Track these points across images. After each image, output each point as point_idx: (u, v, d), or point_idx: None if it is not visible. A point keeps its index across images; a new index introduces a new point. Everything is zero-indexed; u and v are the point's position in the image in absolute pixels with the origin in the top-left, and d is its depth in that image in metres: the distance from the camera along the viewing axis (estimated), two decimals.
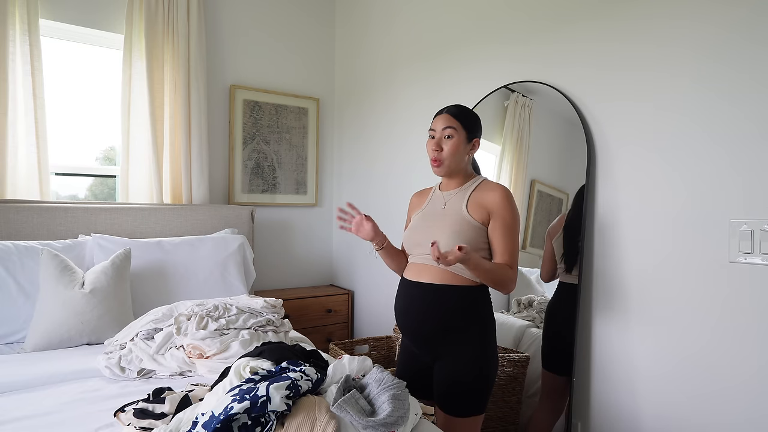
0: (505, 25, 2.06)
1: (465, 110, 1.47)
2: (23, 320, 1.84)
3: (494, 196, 1.41)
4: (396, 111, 2.73)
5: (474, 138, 1.46)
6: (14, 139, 2.22)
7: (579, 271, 1.69)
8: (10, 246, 1.93)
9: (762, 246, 1.28)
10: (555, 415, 1.77)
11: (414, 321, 1.45)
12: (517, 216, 1.42)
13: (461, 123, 1.43)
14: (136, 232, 2.38)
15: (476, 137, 1.47)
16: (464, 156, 1.46)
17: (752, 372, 1.31)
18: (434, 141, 1.45)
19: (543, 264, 1.87)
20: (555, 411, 1.78)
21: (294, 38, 3.15)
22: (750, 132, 1.32)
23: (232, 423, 0.93)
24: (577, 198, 1.74)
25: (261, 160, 3.02)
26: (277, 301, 1.89)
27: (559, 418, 1.76)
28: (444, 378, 1.41)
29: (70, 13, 2.43)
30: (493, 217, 1.40)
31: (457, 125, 1.43)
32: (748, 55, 1.32)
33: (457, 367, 1.39)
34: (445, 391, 1.40)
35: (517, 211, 1.42)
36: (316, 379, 1.11)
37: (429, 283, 1.42)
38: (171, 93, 2.60)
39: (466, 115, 1.45)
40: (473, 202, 1.43)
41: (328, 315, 2.94)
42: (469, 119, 1.45)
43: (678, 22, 1.46)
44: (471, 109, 1.52)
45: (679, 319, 1.47)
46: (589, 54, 1.72)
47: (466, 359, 1.38)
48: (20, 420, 1.20)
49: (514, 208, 1.41)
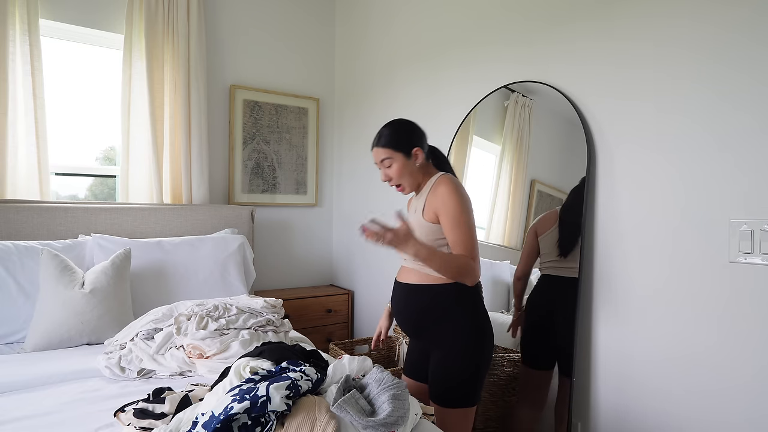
0: (504, 25, 2.06)
1: (390, 132, 1.49)
2: (23, 320, 1.84)
3: (438, 193, 1.42)
4: (396, 111, 2.73)
5: (412, 149, 1.48)
6: (14, 139, 2.22)
7: (579, 270, 1.69)
8: (10, 246, 1.93)
9: (762, 246, 1.28)
10: (536, 409, 1.79)
11: (402, 318, 1.54)
12: (463, 205, 1.39)
13: (391, 148, 1.47)
14: (136, 232, 2.38)
15: (414, 147, 1.48)
16: (414, 169, 1.49)
17: (753, 372, 1.31)
18: (382, 174, 1.52)
19: (521, 260, 1.89)
20: (535, 404, 1.79)
21: (294, 38, 3.15)
22: (750, 132, 1.32)
23: (232, 423, 0.93)
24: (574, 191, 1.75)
25: (261, 160, 3.02)
26: (277, 301, 1.89)
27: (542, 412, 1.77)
28: (433, 368, 1.47)
29: (70, 13, 2.43)
30: (440, 214, 1.41)
31: (389, 152, 1.48)
32: (749, 55, 1.32)
33: (445, 360, 1.45)
34: (433, 381, 1.47)
35: (462, 201, 1.40)
36: (316, 379, 1.11)
37: (409, 283, 1.49)
38: (171, 93, 2.60)
39: (392, 138, 1.48)
40: (428, 204, 1.45)
41: (328, 315, 2.94)
42: (395, 139, 1.48)
43: (678, 21, 1.46)
44: (398, 122, 1.51)
45: (679, 319, 1.47)
46: (589, 54, 1.72)
47: (453, 351, 1.43)
48: (20, 420, 1.20)
49: (457, 198, 1.39)
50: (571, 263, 1.72)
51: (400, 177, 1.49)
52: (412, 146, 1.48)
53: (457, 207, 1.39)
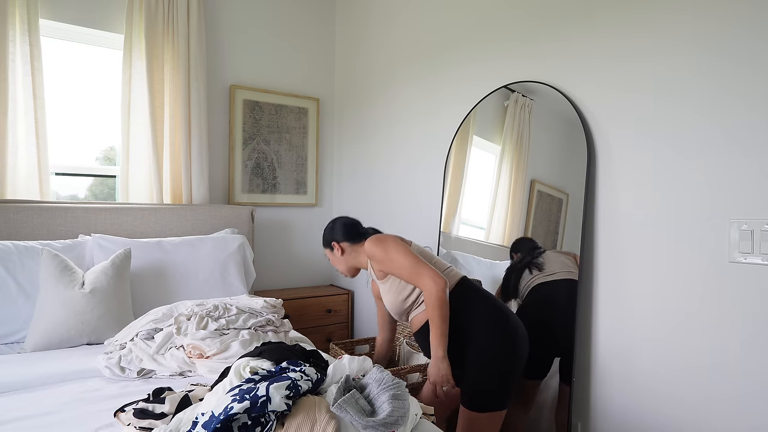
0: (504, 25, 2.06)
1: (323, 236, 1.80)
2: (23, 320, 1.84)
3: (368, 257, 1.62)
4: (396, 111, 2.73)
5: (331, 243, 1.75)
6: (14, 139, 2.22)
7: (579, 270, 1.69)
8: (10, 246, 1.93)
9: (762, 246, 1.28)
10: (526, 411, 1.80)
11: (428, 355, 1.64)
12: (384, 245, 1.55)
13: (323, 246, 1.79)
14: (136, 232, 2.38)
15: (332, 242, 1.75)
16: (341, 259, 1.75)
17: (753, 372, 1.31)
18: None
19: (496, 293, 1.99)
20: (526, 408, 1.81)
21: (294, 38, 3.15)
22: (751, 131, 1.32)
23: (232, 423, 0.93)
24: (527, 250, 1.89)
25: (261, 160, 3.02)
26: (277, 301, 1.89)
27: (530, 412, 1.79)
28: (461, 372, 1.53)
29: (70, 13, 2.43)
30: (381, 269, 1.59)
31: (324, 250, 1.80)
32: (751, 54, 1.32)
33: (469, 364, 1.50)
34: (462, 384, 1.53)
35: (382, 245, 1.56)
36: (316, 379, 1.11)
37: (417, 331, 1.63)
38: (171, 93, 2.60)
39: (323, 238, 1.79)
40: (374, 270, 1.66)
41: (328, 315, 2.94)
42: (323, 239, 1.79)
43: (678, 19, 1.46)
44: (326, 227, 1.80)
45: (678, 319, 1.47)
46: (589, 54, 1.72)
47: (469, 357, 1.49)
48: (20, 420, 1.20)
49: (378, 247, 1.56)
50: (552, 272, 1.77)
51: (336, 266, 1.78)
52: (330, 242, 1.75)
53: (380, 252, 1.56)
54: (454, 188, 2.27)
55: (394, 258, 1.53)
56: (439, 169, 2.40)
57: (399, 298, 1.60)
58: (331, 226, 1.78)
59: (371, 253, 1.59)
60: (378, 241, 1.58)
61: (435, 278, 1.45)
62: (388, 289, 1.63)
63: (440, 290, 1.44)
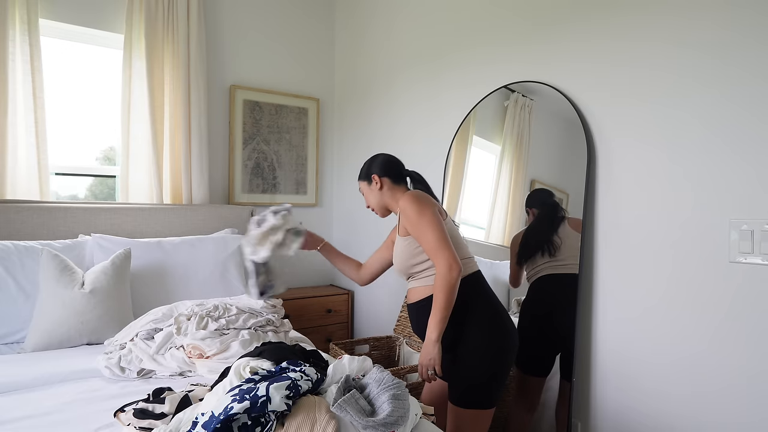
0: (505, 25, 2.06)
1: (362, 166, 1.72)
2: (23, 320, 1.84)
3: (402, 210, 1.54)
4: (396, 111, 2.73)
5: (371, 176, 1.66)
6: (14, 139, 2.22)
7: (579, 270, 1.69)
8: (10, 246, 1.93)
9: (762, 246, 1.28)
10: (530, 411, 1.80)
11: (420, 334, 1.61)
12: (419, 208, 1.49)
13: (359, 179, 1.72)
14: (136, 232, 2.38)
15: (372, 174, 1.66)
16: (377, 194, 1.67)
17: (753, 372, 1.31)
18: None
19: (510, 271, 1.95)
20: (529, 408, 1.80)
21: (294, 38, 3.15)
22: (750, 131, 1.32)
23: (232, 423, 0.93)
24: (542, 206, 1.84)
25: (261, 160, 3.02)
26: (276, 301, 1.89)
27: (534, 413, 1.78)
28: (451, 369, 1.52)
29: (69, 12, 2.43)
30: (407, 227, 1.54)
31: (359, 183, 1.72)
32: (749, 54, 1.32)
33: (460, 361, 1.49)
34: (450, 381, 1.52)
35: (418, 205, 1.49)
36: (316, 379, 1.11)
37: (416, 302, 1.59)
38: (171, 93, 2.60)
39: (360, 170, 1.72)
40: (400, 223, 1.60)
41: (328, 315, 2.94)
42: (362, 170, 1.71)
43: (678, 19, 1.46)
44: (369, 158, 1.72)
45: (678, 319, 1.47)
46: (589, 54, 1.72)
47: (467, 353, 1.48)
48: (20, 420, 1.20)
49: (414, 206, 1.50)
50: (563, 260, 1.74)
51: (368, 202, 1.71)
52: (370, 174, 1.67)
53: (414, 213, 1.49)
54: (454, 188, 2.28)
55: (425, 226, 1.47)
56: (439, 169, 2.40)
57: (410, 261, 1.56)
58: (374, 158, 1.70)
59: (405, 209, 1.52)
60: (417, 201, 1.51)
61: (453, 263, 1.42)
62: (404, 247, 1.57)
63: (453, 276, 1.41)
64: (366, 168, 1.69)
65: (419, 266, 1.55)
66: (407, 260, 1.57)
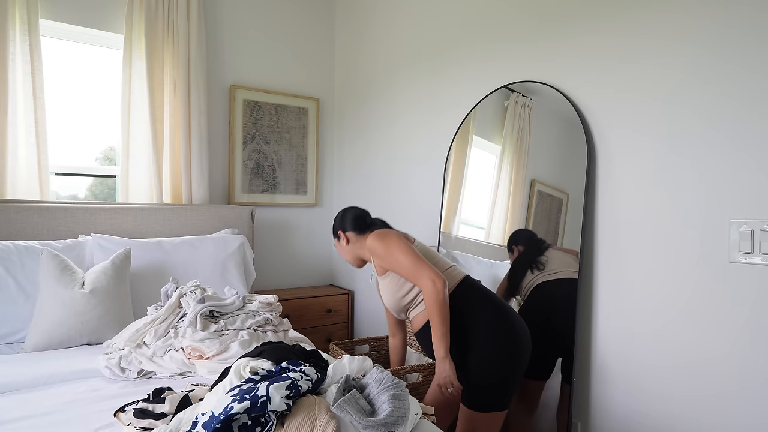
0: (505, 25, 2.06)
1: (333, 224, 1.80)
2: (23, 320, 1.84)
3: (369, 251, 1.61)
4: (396, 111, 2.73)
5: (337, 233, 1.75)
6: (14, 139, 2.22)
7: (579, 270, 1.69)
8: (10, 246, 1.93)
9: (762, 246, 1.28)
10: (529, 414, 1.80)
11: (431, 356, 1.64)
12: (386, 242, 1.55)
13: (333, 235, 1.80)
14: (136, 232, 2.38)
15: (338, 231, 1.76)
16: (346, 249, 1.75)
17: (753, 372, 1.31)
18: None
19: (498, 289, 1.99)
20: (529, 411, 1.80)
21: (294, 38, 3.15)
22: (751, 130, 1.32)
23: (232, 423, 0.93)
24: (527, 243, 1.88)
25: (261, 160, 3.02)
26: (272, 298, 1.86)
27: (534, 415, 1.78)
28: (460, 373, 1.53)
29: (69, 13, 2.43)
30: (381, 264, 1.59)
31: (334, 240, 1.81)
32: (751, 53, 1.32)
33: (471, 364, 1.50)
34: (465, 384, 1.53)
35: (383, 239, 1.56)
36: (316, 379, 1.11)
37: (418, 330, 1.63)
38: (171, 93, 2.60)
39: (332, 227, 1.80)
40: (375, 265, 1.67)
41: (328, 315, 2.94)
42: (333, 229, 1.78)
43: (679, 19, 1.46)
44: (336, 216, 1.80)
45: (678, 319, 1.47)
46: (589, 54, 1.72)
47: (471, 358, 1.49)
48: (20, 420, 1.20)
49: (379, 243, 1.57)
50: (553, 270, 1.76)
51: (342, 256, 1.78)
52: (336, 231, 1.76)
53: (381, 248, 1.55)
54: (454, 188, 2.27)
55: (395, 255, 1.52)
56: (439, 169, 2.40)
57: (397, 295, 1.60)
58: (341, 215, 1.77)
59: (372, 248, 1.59)
60: (379, 237, 1.58)
61: (434, 278, 1.45)
62: (387, 285, 1.62)
63: (439, 291, 1.44)
64: (335, 224, 1.78)
65: (409, 296, 1.60)
66: (395, 295, 1.61)
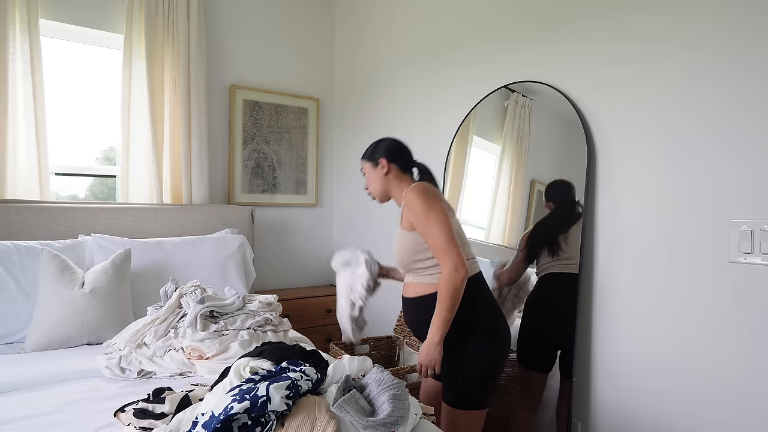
0: (505, 25, 2.06)
1: (369, 145, 1.66)
2: (23, 320, 1.84)
3: (407, 202, 1.48)
4: (396, 111, 2.73)
5: (378, 159, 1.59)
6: (14, 139, 2.22)
7: (579, 270, 1.69)
8: (10, 246, 1.93)
9: (762, 246, 1.28)
10: (531, 411, 1.79)
11: (414, 329, 1.59)
12: (429, 204, 1.43)
13: (364, 158, 1.64)
14: (136, 232, 2.38)
15: (380, 158, 1.59)
16: (380, 179, 1.59)
17: (752, 371, 1.31)
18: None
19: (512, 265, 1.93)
20: (531, 407, 1.79)
21: (294, 38, 3.15)
22: (750, 131, 1.32)
23: (232, 423, 0.93)
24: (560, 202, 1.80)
25: (261, 160, 3.02)
26: (272, 298, 1.86)
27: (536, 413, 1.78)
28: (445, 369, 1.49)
29: (69, 13, 2.43)
30: (412, 221, 1.47)
31: (363, 162, 1.65)
32: (749, 55, 1.32)
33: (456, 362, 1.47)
34: (444, 382, 1.50)
35: (426, 201, 1.43)
36: (316, 379, 1.11)
37: (412, 297, 1.55)
38: (171, 93, 2.60)
39: (367, 149, 1.65)
40: (403, 215, 1.53)
41: (328, 315, 2.94)
42: (369, 150, 1.63)
43: (678, 20, 1.46)
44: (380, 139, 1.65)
45: (678, 319, 1.47)
46: (589, 54, 1.72)
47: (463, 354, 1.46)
48: (20, 420, 1.20)
49: (421, 200, 1.43)
50: (570, 259, 1.72)
51: (369, 185, 1.64)
52: (378, 157, 1.60)
53: (422, 209, 1.43)
54: (454, 188, 2.27)
55: (432, 223, 1.41)
56: (439, 169, 2.40)
57: (413, 257, 1.50)
58: (389, 143, 1.61)
59: (411, 202, 1.45)
60: (424, 195, 1.44)
61: (459, 265, 1.38)
62: (406, 241, 1.50)
63: (459, 279, 1.37)
64: (372, 149, 1.61)
65: (421, 263, 1.50)
66: (409, 255, 1.51)
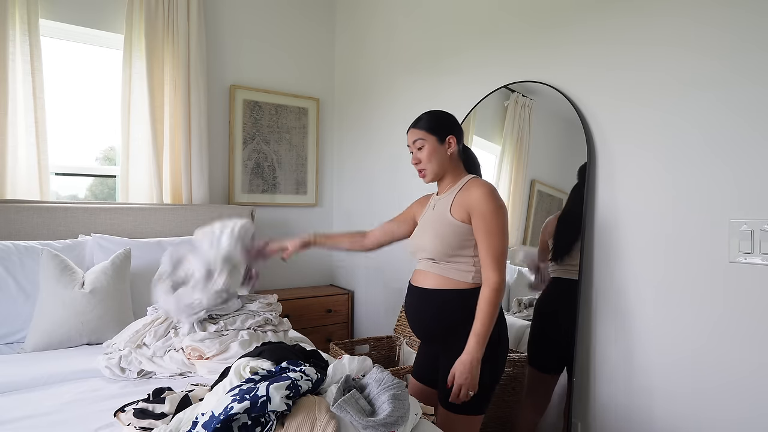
0: (505, 25, 2.06)
1: (429, 116, 1.49)
2: (23, 320, 1.84)
3: (474, 194, 1.39)
4: (396, 110, 2.73)
5: (447, 136, 1.46)
6: (14, 139, 2.22)
7: (579, 270, 1.69)
8: (10, 246, 1.93)
9: (762, 246, 1.28)
10: (538, 413, 1.79)
11: (420, 323, 1.50)
12: (499, 212, 1.37)
13: (427, 130, 1.46)
14: (136, 232, 2.38)
15: (449, 135, 1.46)
16: (443, 157, 1.47)
17: (752, 371, 1.31)
18: (413, 156, 1.50)
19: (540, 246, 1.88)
20: (538, 408, 1.79)
21: (294, 38, 3.15)
22: (750, 132, 1.32)
23: (232, 423, 0.93)
24: (574, 193, 1.75)
25: (261, 160, 3.02)
26: (272, 298, 1.87)
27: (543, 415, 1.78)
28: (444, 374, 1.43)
29: (70, 13, 2.43)
30: (473, 215, 1.38)
31: (424, 134, 1.46)
32: (749, 57, 1.32)
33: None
34: (443, 386, 1.43)
35: (499, 208, 1.37)
36: (316, 379, 1.11)
37: (429, 288, 1.45)
38: (171, 93, 2.60)
39: (430, 120, 1.47)
40: (457, 202, 1.42)
41: (328, 315, 2.94)
42: (433, 122, 1.47)
43: (678, 22, 1.46)
44: (439, 111, 1.52)
45: (678, 319, 1.47)
46: (589, 54, 1.72)
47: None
48: (20, 420, 1.20)
49: (494, 204, 1.37)
50: (572, 265, 1.72)
51: (428, 160, 1.46)
52: (447, 133, 1.46)
53: (493, 211, 1.36)
54: None
55: (497, 231, 1.35)
56: None
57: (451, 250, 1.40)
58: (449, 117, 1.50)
59: (480, 200, 1.36)
60: (497, 201, 1.37)
61: (503, 285, 1.35)
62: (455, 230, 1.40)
63: (501, 292, 1.35)
64: (437, 121, 1.47)
65: (457, 258, 1.41)
66: (449, 246, 1.40)
